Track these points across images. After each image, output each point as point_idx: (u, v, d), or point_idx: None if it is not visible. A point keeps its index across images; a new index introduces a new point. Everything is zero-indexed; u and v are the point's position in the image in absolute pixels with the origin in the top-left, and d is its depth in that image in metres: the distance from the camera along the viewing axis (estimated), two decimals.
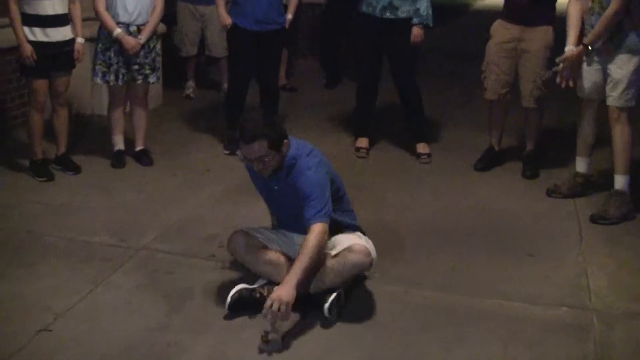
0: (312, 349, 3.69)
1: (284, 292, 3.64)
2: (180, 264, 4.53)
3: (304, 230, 4.02)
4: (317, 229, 3.80)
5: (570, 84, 5.31)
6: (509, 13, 6.00)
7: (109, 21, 5.80)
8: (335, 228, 4.04)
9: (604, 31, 5.11)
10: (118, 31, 5.79)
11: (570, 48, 5.29)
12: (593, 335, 3.85)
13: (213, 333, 3.79)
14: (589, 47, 5.19)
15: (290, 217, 4.13)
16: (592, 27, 5.17)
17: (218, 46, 8.04)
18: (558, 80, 5.35)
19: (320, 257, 3.87)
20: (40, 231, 4.90)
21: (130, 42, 5.81)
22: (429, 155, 6.47)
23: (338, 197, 4.09)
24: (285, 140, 3.85)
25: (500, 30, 6.02)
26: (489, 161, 6.31)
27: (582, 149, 5.61)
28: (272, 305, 3.58)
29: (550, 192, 5.67)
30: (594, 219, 5.21)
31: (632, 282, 4.42)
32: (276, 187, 4.02)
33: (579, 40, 5.30)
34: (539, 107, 6.11)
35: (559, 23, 5.83)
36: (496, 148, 6.36)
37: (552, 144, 6.75)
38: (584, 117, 5.52)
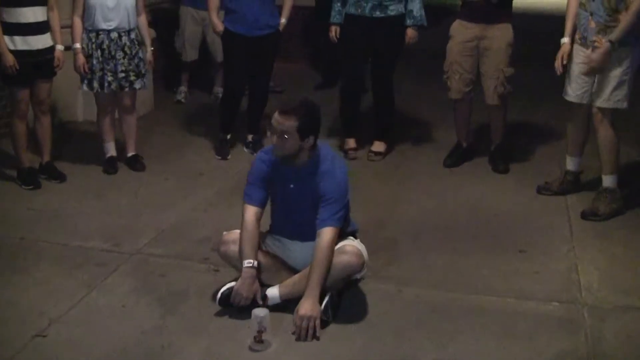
0: (306, 348, 3.72)
1: (309, 307, 3.78)
2: (174, 267, 4.55)
3: (301, 237, 4.10)
4: (328, 234, 3.86)
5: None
6: (468, 13, 6.02)
7: (77, 32, 5.80)
8: None
9: (630, 26, 4.95)
10: (76, 46, 5.79)
11: (564, 40, 5.30)
12: (584, 329, 3.90)
13: (207, 334, 3.81)
14: (614, 44, 5.00)
15: (291, 222, 4.14)
16: (591, 14, 5.07)
17: (219, 50, 8.03)
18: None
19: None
20: (34, 237, 4.91)
21: (78, 61, 5.80)
22: (377, 153, 6.53)
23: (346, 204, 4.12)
24: (312, 138, 3.89)
25: (461, 30, 6.05)
26: (458, 157, 6.38)
27: (573, 148, 5.60)
28: (303, 325, 3.75)
29: (540, 190, 5.69)
30: (585, 216, 5.24)
31: (622, 277, 4.47)
32: (292, 186, 4.02)
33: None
34: (503, 104, 6.16)
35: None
36: (464, 144, 6.42)
37: (521, 140, 6.88)
38: (574, 120, 5.50)
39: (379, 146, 6.58)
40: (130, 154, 6.23)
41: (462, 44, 6.03)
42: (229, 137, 6.60)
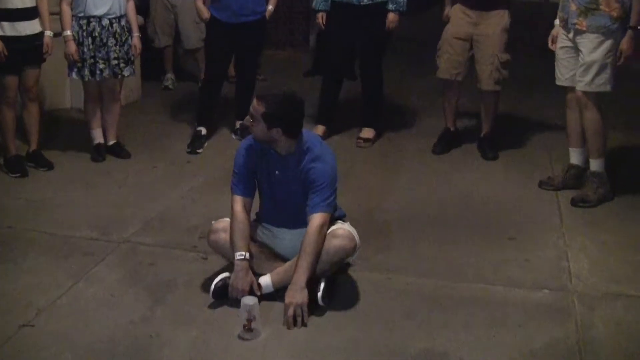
0: (295, 337, 3.71)
1: (296, 294, 3.78)
2: (162, 256, 4.52)
3: (289, 224, 4.10)
4: (318, 220, 3.86)
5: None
6: None
7: (66, 19, 5.74)
8: None
9: None
10: (67, 33, 5.74)
11: (555, 22, 5.35)
12: (574, 316, 3.90)
13: (196, 324, 3.79)
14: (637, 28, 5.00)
15: (278, 210, 4.13)
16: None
17: (191, 38, 8.00)
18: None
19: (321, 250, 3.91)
20: (21, 227, 4.88)
21: (70, 49, 5.75)
22: (366, 140, 6.51)
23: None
24: (279, 130, 3.86)
25: (459, 15, 6.05)
26: (447, 143, 6.37)
27: (573, 139, 5.50)
28: (290, 312, 3.75)
29: (542, 185, 5.58)
30: (575, 202, 5.23)
31: (612, 264, 4.47)
32: (277, 172, 4.01)
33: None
34: (496, 91, 6.15)
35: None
36: (451, 129, 6.41)
37: (511, 127, 6.88)
38: (570, 106, 5.43)
39: (367, 133, 6.56)
40: (111, 142, 6.18)
41: (457, 27, 6.04)
42: (203, 132, 6.48)
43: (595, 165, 5.30)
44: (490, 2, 5.92)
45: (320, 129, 6.54)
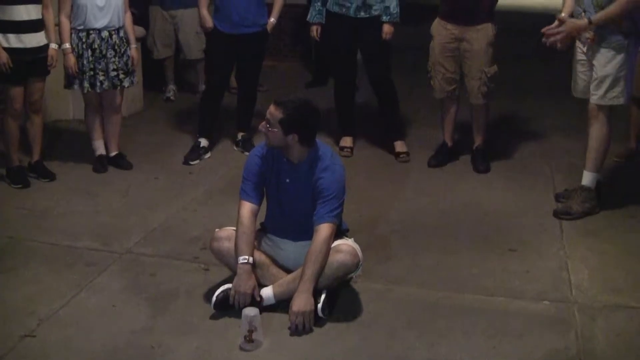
0: (297, 348, 3.71)
1: (303, 303, 3.80)
2: (164, 266, 4.53)
3: (292, 236, 4.11)
4: (325, 230, 3.88)
5: (558, 45, 5.06)
6: (447, 12, 5.97)
7: (65, 32, 5.75)
8: None
9: (617, 14, 4.85)
10: (66, 46, 5.75)
11: (562, 16, 5.15)
12: (575, 327, 3.90)
13: (197, 334, 3.80)
14: (591, 24, 4.89)
15: (284, 220, 4.14)
16: (584, 11, 4.98)
17: (192, 49, 8.00)
18: (546, 40, 5.04)
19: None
20: (23, 236, 4.89)
21: (69, 62, 5.76)
22: (407, 153, 6.48)
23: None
24: (295, 136, 3.88)
25: (441, 31, 6.01)
26: (443, 157, 6.35)
27: None
28: (298, 320, 3.78)
29: (559, 198, 5.53)
30: (557, 214, 5.23)
31: (612, 275, 4.46)
32: (288, 180, 4.03)
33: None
34: (486, 103, 6.14)
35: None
36: (449, 144, 6.39)
37: (510, 136, 6.91)
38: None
39: (402, 146, 6.54)
40: (113, 153, 6.19)
41: (443, 45, 6.01)
42: (202, 144, 6.46)
43: (587, 179, 5.26)
44: (472, 16, 5.87)
45: (348, 140, 6.61)
